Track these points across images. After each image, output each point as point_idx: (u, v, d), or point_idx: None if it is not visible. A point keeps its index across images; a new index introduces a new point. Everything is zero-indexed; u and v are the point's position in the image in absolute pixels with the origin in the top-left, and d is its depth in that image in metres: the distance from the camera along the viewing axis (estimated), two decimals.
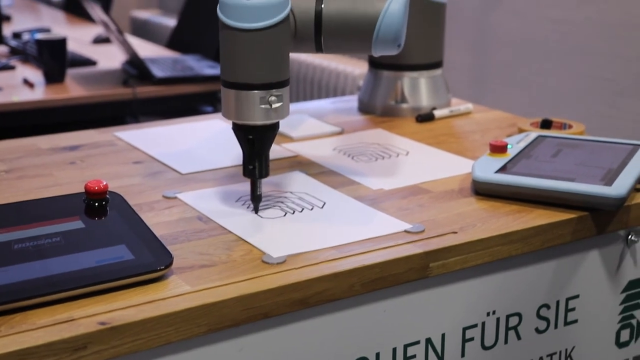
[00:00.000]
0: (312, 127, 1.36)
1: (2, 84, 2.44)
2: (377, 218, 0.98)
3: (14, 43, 2.93)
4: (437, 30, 1.46)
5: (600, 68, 2.17)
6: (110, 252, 0.82)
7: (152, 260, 0.81)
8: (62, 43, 2.46)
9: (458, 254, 0.91)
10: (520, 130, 1.30)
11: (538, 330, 1.02)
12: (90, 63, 2.73)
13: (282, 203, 1.02)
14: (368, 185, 1.09)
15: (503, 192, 1.03)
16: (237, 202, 1.02)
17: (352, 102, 1.54)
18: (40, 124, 2.19)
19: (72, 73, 2.57)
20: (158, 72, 2.53)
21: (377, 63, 1.46)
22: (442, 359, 0.95)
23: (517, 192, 1.02)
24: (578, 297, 1.04)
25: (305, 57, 3.11)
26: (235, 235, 0.93)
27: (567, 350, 1.05)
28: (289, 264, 0.85)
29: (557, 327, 1.03)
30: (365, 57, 1.99)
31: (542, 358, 1.03)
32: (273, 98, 0.93)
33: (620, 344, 1.11)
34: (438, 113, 1.43)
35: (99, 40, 3.12)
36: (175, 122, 1.42)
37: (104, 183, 0.91)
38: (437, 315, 0.93)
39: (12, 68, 2.66)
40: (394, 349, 0.91)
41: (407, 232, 0.94)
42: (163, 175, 1.12)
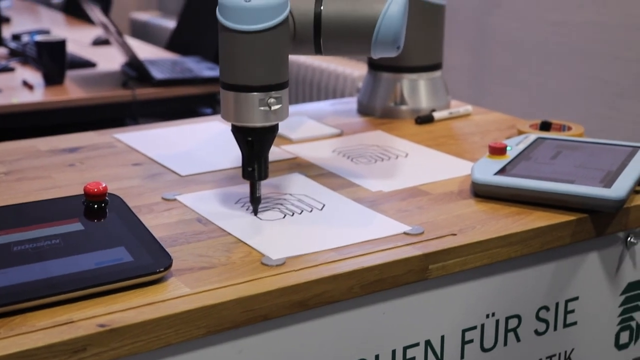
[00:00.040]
0: (311, 129, 1.36)
1: (1, 86, 2.44)
2: (376, 220, 0.98)
3: (14, 45, 2.93)
4: (436, 32, 1.46)
5: (600, 70, 2.17)
6: (110, 254, 0.82)
7: (151, 262, 0.81)
8: (61, 45, 2.46)
9: (457, 256, 0.91)
10: (520, 132, 1.30)
11: (537, 332, 1.02)
12: (90, 65, 2.73)
13: (281, 205, 1.02)
14: (367, 187, 1.09)
15: (502, 194, 1.03)
16: (236, 204, 1.02)
17: (351, 104, 1.54)
18: (40, 126, 2.19)
19: (71, 75, 2.57)
20: (157, 73, 2.53)
21: (376, 65, 1.46)
22: None
23: (516, 194, 1.02)
24: (577, 299, 1.04)
25: (305, 59, 3.11)
26: (235, 237, 0.93)
27: (566, 352, 1.05)
28: (288, 266, 0.85)
29: (556, 329, 1.03)
30: (365, 59, 1.99)
31: None
32: (272, 100, 0.93)
33: (620, 346, 1.11)
34: (437, 115, 1.43)
35: (99, 42, 3.12)
36: (175, 124, 1.42)
37: (103, 185, 0.91)
38: (436, 317, 0.93)
39: (11, 70, 2.66)
40: (393, 351, 0.91)
41: (406, 234, 0.94)
42: (162, 177, 1.12)
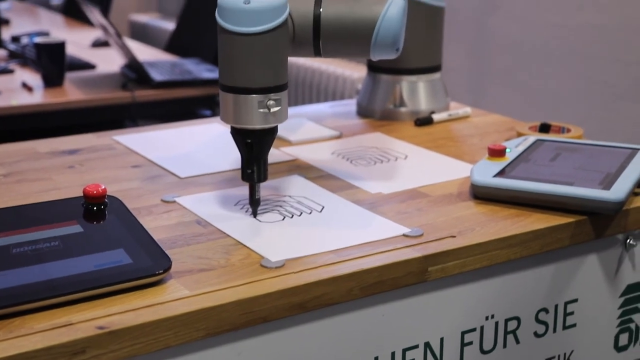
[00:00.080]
0: (310, 131, 1.36)
1: (0, 88, 2.44)
2: (375, 222, 0.98)
3: (13, 47, 2.94)
4: (435, 34, 1.46)
5: (599, 72, 2.17)
6: (109, 256, 0.82)
7: (150, 264, 0.81)
8: (60, 47, 2.46)
9: (457, 258, 0.91)
10: (519, 134, 1.30)
11: (537, 334, 1.02)
12: (89, 67, 2.73)
13: (280, 207, 1.02)
14: (367, 189, 1.09)
15: (501, 196, 1.03)
16: (235, 206, 1.02)
17: (350, 106, 1.54)
18: (39, 128, 2.20)
19: (70, 77, 2.57)
20: (157, 75, 2.53)
21: (375, 67, 1.46)
22: None
23: (515, 196, 1.02)
24: (577, 301, 1.04)
25: (304, 60, 3.11)
26: (234, 239, 0.93)
27: (565, 355, 1.05)
28: (288, 268, 0.85)
29: (555, 331, 1.03)
30: (364, 61, 1.99)
31: None
32: (271, 102, 0.93)
33: (619, 348, 1.11)
34: (437, 117, 1.43)
35: (98, 44, 3.12)
36: (174, 125, 1.42)
37: (103, 187, 0.91)
38: (435, 319, 0.93)
39: (10, 72, 2.66)
40: (393, 353, 0.91)
41: (405, 236, 0.94)
42: (162, 179, 1.12)
